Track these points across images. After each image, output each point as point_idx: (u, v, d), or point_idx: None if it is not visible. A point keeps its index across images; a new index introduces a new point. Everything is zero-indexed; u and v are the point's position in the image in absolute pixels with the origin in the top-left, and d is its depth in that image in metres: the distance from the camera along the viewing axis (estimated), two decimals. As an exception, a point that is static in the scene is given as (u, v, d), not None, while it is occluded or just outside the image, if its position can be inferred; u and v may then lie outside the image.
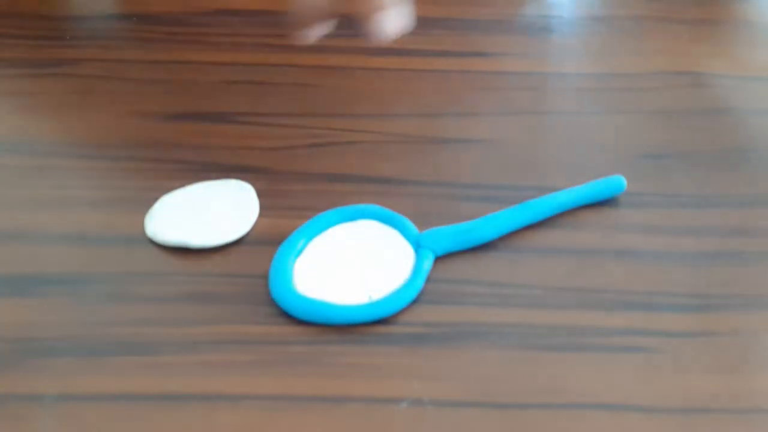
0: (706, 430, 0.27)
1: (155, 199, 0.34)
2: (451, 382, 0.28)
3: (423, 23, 0.41)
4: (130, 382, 0.27)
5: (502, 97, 0.42)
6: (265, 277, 0.31)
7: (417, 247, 0.32)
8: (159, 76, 0.42)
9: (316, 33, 0.36)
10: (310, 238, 0.32)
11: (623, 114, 0.40)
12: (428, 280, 0.31)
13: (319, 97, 0.41)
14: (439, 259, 0.32)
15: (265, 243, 0.32)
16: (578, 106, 0.41)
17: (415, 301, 0.30)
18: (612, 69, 0.43)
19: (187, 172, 0.36)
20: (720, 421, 0.27)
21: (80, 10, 0.47)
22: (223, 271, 0.31)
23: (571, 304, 0.31)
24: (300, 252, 0.31)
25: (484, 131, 0.39)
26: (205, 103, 0.40)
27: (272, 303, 0.30)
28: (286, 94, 0.41)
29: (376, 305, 0.29)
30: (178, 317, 0.29)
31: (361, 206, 0.33)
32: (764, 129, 0.39)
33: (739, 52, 0.44)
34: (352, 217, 0.33)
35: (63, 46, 0.44)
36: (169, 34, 0.45)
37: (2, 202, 0.34)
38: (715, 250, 0.33)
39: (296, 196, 0.35)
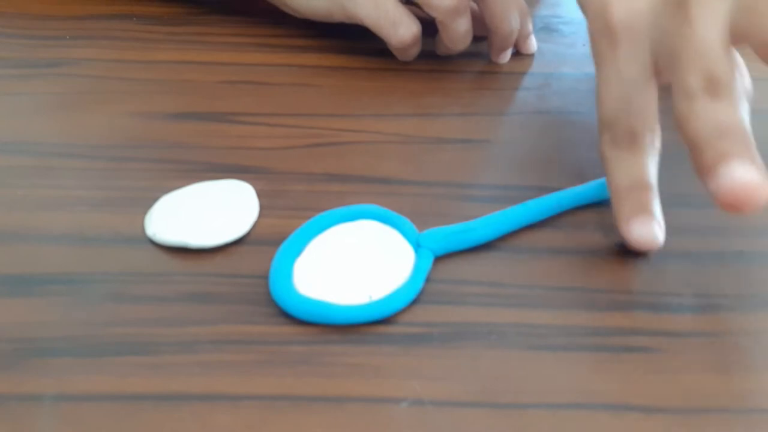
0: (706, 430, 0.27)
1: (155, 199, 0.34)
2: (451, 382, 0.28)
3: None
4: (130, 382, 0.27)
5: (502, 97, 0.42)
6: (265, 277, 0.31)
7: (417, 247, 0.32)
8: (159, 76, 0.42)
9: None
10: (310, 238, 0.32)
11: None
12: (428, 280, 0.31)
13: (319, 97, 0.41)
14: (438, 259, 0.32)
15: (265, 243, 0.32)
16: (578, 106, 0.41)
17: (415, 301, 0.30)
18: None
19: (187, 172, 0.36)
20: (720, 421, 0.27)
21: (80, 11, 0.47)
22: (223, 271, 0.31)
23: (571, 304, 0.31)
24: (300, 252, 0.31)
25: (484, 131, 0.39)
26: (205, 103, 0.40)
27: (272, 303, 0.30)
28: (286, 94, 0.41)
29: (376, 305, 0.29)
30: (178, 317, 0.29)
31: (361, 206, 0.33)
32: (765, 129, 0.39)
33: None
34: (352, 217, 0.33)
35: (63, 46, 0.44)
36: (169, 34, 0.45)
37: (2, 202, 0.34)
38: (716, 250, 0.33)
39: (296, 196, 0.35)
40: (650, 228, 0.31)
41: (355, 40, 0.44)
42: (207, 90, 0.41)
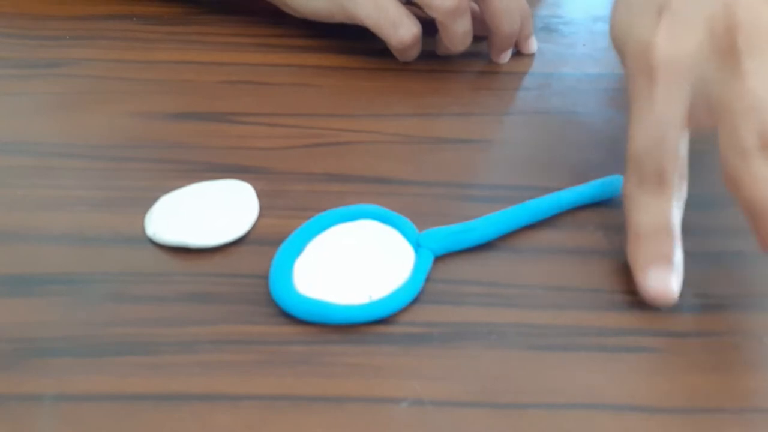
0: (706, 430, 0.27)
1: (155, 199, 0.34)
2: (451, 382, 0.28)
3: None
4: (130, 382, 0.27)
5: (502, 97, 0.42)
6: (265, 277, 0.31)
7: (417, 247, 0.32)
8: (159, 76, 0.42)
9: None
10: (310, 238, 0.32)
11: (623, 114, 0.40)
12: (428, 280, 0.31)
13: (319, 97, 0.41)
14: (438, 259, 0.32)
15: (265, 243, 0.32)
16: (578, 106, 0.41)
17: (415, 301, 0.30)
18: (612, 69, 0.43)
19: (187, 172, 0.36)
20: (720, 421, 0.27)
21: (80, 11, 0.47)
22: (223, 271, 0.31)
23: (571, 304, 0.31)
24: (300, 252, 0.31)
25: (484, 131, 0.39)
26: (205, 103, 0.40)
27: (272, 303, 0.30)
28: (286, 94, 0.41)
29: (376, 305, 0.29)
30: (178, 317, 0.29)
31: (361, 206, 0.33)
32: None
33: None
34: (352, 217, 0.33)
35: (63, 46, 0.44)
36: (169, 34, 0.45)
37: (2, 202, 0.34)
38: (715, 250, 0.33)
39: (296, 196, 0.35)
40: (668, 279, 0.30)
41: (355, 40, 0.44)
42: (207, 90, 0.41)
